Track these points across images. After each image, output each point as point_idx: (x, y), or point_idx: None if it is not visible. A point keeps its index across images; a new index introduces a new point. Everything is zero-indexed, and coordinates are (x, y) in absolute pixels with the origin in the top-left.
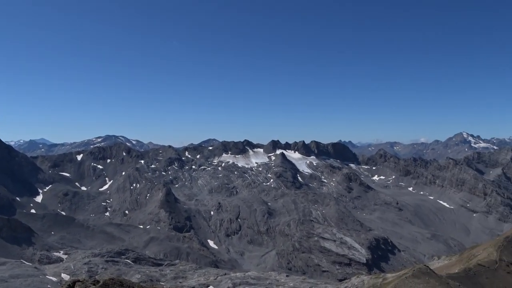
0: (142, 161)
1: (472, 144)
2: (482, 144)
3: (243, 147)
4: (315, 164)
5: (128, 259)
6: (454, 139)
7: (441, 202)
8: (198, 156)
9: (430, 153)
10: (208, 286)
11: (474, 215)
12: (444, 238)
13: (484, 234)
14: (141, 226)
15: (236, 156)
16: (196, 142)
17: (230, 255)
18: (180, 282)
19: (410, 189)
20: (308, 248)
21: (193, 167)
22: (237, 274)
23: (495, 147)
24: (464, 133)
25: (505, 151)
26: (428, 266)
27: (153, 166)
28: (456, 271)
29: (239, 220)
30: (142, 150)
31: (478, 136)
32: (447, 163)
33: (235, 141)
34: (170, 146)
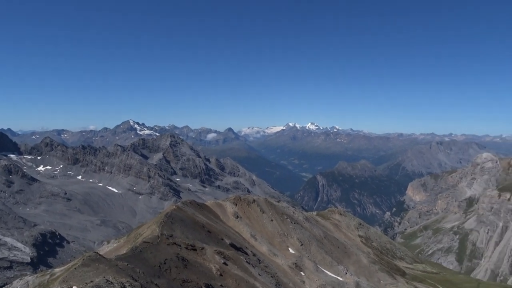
0: None
1: (138, 131)
2: (147, 131)
3: None
4: None
5: None
6: (121, 126)
7: (110, 188)
8: None
9: (99, 141)
10: None
11: (140, 197)
12: (113, 222)
13: (148, 214)
14: None
15: None
16: None
17: None
18: None
19: (79, 177)
20: None
21: None
22: None
23: (157, 134)
24: (130, 121)
25: (165, 137)
26: (97, 253)
27: None
28: (125, 251)
29: None
30: None
31: (143, 124)
32: (115, 150)
33: None
34: None
